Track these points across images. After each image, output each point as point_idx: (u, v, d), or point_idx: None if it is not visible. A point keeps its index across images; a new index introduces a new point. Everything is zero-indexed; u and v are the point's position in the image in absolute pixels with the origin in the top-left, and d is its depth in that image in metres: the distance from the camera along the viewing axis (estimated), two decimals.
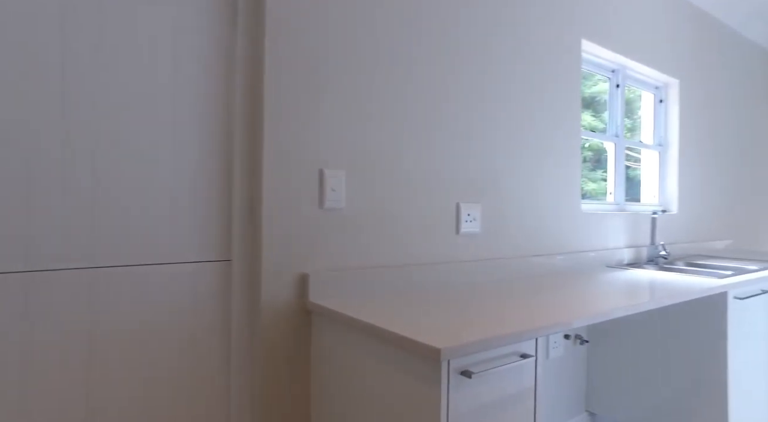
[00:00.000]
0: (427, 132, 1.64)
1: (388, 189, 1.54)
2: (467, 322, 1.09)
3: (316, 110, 1.39)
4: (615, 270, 2.18)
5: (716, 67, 3.31)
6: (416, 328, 1.03)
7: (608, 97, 2.65)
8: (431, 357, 0.90)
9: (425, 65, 1.63)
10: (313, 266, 1.38)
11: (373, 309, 1.23)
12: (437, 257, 1.68)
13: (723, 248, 3.41)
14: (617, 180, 2.64)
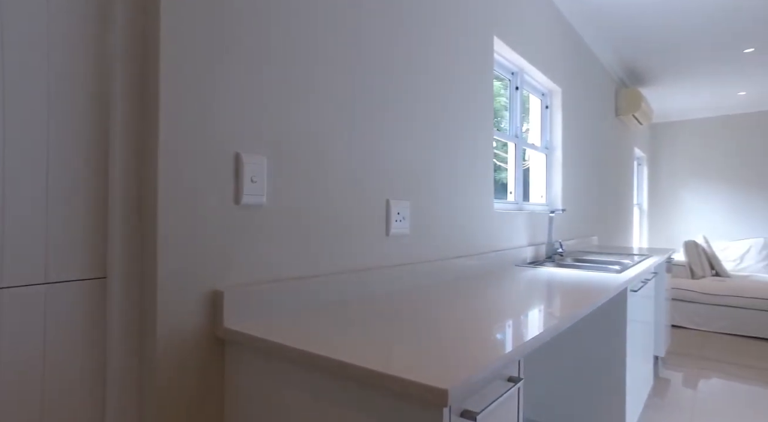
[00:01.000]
0: (358, 116, 1.40)
1: (317, 182, 1.27)
2: (441, 344, 0.88)
3: (231, 79, 1.06)
4: (526, 269, 2.18)
5: (584, 82, 3.65)
6: (385, 358, 0.79)
7: (508, 98, 2.70)
8: (432, 400, 0.68)
9: (363, 49, 1.39)
10: (228, 280, 1.05)
11: (311, 333, 0.95)
12: (368, 262, 1.45)
13: (595, 244, 3.78)
14: (517, 180, 2.70)
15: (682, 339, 4.01)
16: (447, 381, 0.69)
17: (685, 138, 6.49)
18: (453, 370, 0.73)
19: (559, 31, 3.10)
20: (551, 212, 2.69)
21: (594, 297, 1.41)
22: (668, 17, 3.33)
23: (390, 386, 0.72)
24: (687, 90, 5.17)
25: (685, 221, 6.46)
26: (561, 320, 1.09)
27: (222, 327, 1.01)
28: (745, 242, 5.65)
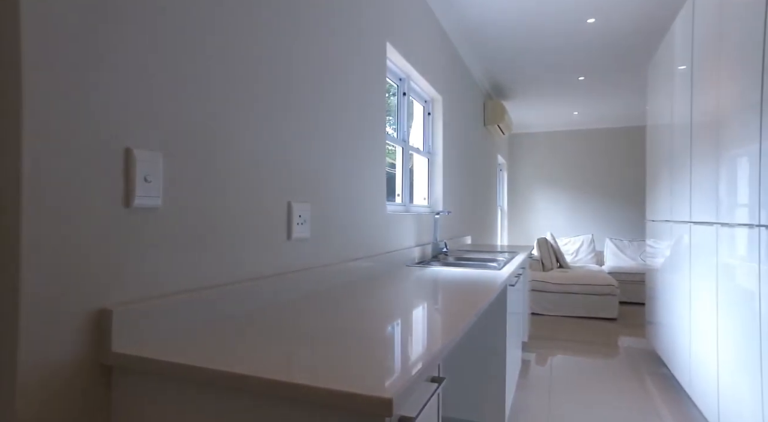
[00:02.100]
0: (259, 117, 1.31)
1: (218, 183, 1.15)
2: (363, 351, 0.86)
3: (117, 64, 0.90)
4: (416, 269, 2.27)
5: (460, 92, 3.94)
6: (307, 370, 0.75)
7: (396, 103, 2.78)
8: (375, 412, 0.65)
9: (261, 48, 1.30)
10: (117, 297, 0.90)
11: (217, 349, 0.86)
12: (271, 268, 1.36)
13: (469, 242, 4.09)
14: (404, 183, 2.80)
15: (537, 324, 4.56)
16: (388, 389, 0.67)
17: (537, 148, 7.42)
18: (390, 376, 0.72)
19: (441, 44, 3.29)
20: (437, 213, 2.85)
21: (487, 293, 1.51)
22: (522, 44, 3.77)
23: (323, 400, 0.68)
24: (537, 106, 5.91)
25: (537, 221, 7.38)
26: (469, 317, 1.15)
27: (110, 352, 0.86)
28: (579, 238, 6.65)
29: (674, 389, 2.86)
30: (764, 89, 1.65)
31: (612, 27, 3.45)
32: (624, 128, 6.90)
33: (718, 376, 2.07)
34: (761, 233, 1.64)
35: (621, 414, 2.50)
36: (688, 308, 2.54)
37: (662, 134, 3.20)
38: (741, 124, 1.83)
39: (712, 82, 2.19)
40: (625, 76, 4.58)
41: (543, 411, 2.53)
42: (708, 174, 2.22)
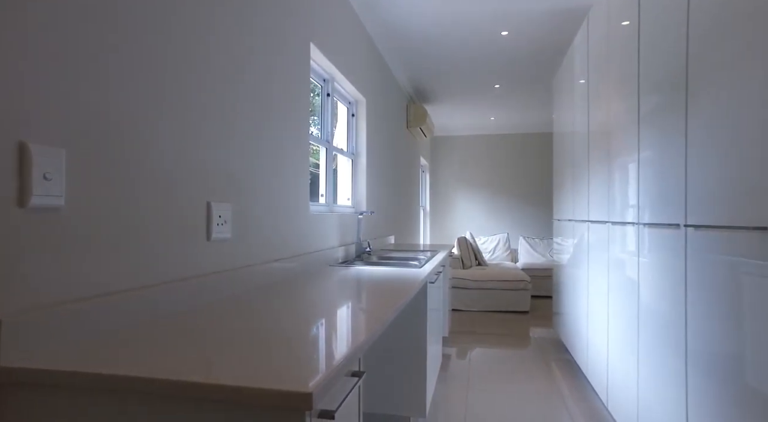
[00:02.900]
0: (176, 115, 1.27)
1: (131, 181, 1.10)
2: (284, 349, 0.87)
3: (12, 41, 0.84)
4: (340, 268, 2.30)
5: (384, 95, 4.03)
6: (226, 371, 0.75)
7: (320, 104, 2.79)
8: (296, 406, 0.67)
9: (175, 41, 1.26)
10: (7, 306, 0.83)
11: (132, 355, 0.83)
12: (189, 270, 1.32)
13: (393, 242, 4.17)
14: (328, 183, 2.81)
15: (458, 320, 4.78)
16: (308, 384, 0.69)
17: (457, 151, 7.75)
18: (310, 371, 0.74)
19: (366, 47, 3.35)
20: (360, 213, 2.89)
21: (407, 290, 1.58)
22: (443, 52, 3.94)
23: (243, 400, 0.69)
24: (457, 111, 6.19)
25: (457, 221, 7.71)
26: (389, 313, 1.20)
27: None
28: (496, 237, 7.06)
29: (575, 372, 3.14)
30: (640, 110, 1.88)
31: (523, 40, 3.71)
32: (536, 133, 7.43)
33: (608, 357, 2.32)
34: (640, 231, 1.87)
35: (530, 398, 2.71)
36: (586, 298, 2.80)
37: (565, 141, 3.50)
38: (625, 136, 2.07)
39: (603, 97, 2.45)
40: (536, 86, 4.95)
41: (461, 401, 2.67)
42: (602, 178, 2.47)
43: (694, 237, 1.42)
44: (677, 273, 1.53)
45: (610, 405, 2.32)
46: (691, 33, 1.46)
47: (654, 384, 1.73)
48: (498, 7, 3.15)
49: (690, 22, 1.47)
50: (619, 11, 2.19)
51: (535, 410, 2.56)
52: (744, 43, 1.18)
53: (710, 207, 1.33)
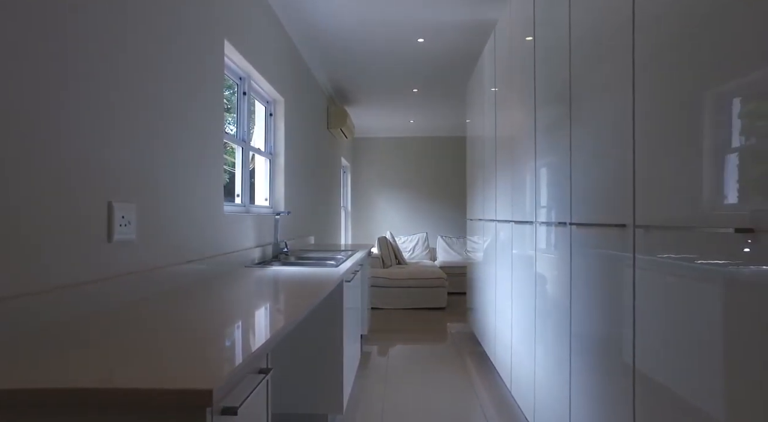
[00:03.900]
0: (71, 111, 1.20)
1: (18, 180, 1.02)
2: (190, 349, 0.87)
3: None
4: (256, 269, 2.27)
5: (304, 95, 4.02)
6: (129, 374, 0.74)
7: (236, 103, 2.73)
8: (196, 403, 0.68)
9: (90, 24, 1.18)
10: None
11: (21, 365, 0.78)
12: (87, 274, 1.25)
13: (312, 242, 4.16)
14: (244, 183, 2.76)
15: (378, 318, 4.88)
16: (208, 381, 0.70)
17: (378, 152, 7.90)
18: (212, 370, 0.75)
19: (285, 48, 3.32)
20: (277, 214, 2.87)
21: (321, 289, 1.61)
22: (362, 55, 4.03)
23: (144, 402, 0.68)
24: (377, 113, 6.31)
25: (378, 220, 7.85)
26: (300, 311, 1.22)
27: None
28: (415, 236, 7.29)
29: (486, 363, 3.36)
30: (537, 120, 2.08)
31: (438, 48, 3.89)
32: (453, 137, 7.78)
33: (512, 346, 2.52)
34: (537, 229, 2.06)
35: (444, 389, 2.86)
36: (494, 293, 3.01)
37: (477, 145, 3.73)
38: (525, 143, 2.26)
39: (508, 106, 2.66)
40: (451, 92, 5.19)
41: (379, 396, 2.75)
42: (507, 181, 2.67)
43: (576, 234, 1.60)
44: (565, 267, 1.71)
45: (513, 390, 2.52)
46: (573, 60, 1.64)
47: (546, 367, 1.92)
48: (414, 15, 3.28)
49: (572, 49, 1.65)
50: (520, 29, 2.39)
51: (449, 400, 2.71)
52: (605, 76, 1.36)
53: (587, 208, 1.52)
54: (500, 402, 2.65)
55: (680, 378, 1.03)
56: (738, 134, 0.88)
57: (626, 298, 1.26)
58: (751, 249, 0.82)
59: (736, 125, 0.88)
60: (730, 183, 0.89)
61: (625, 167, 1.27)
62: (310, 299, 1.40)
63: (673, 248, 1.06)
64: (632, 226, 1.23)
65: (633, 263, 1.22)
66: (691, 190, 1.01)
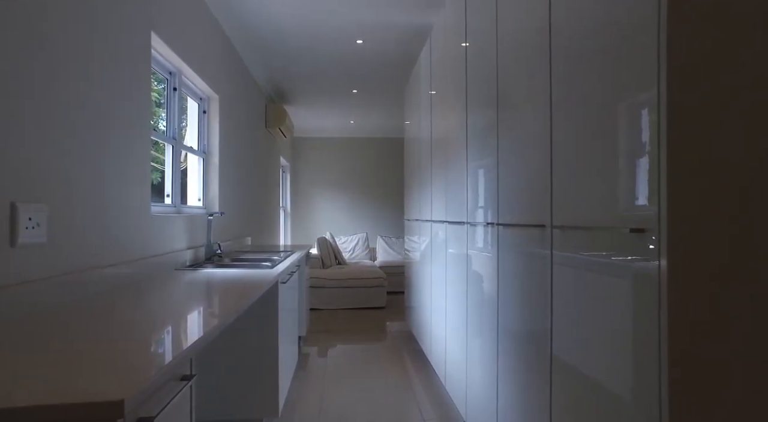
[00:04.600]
0: None
1: None
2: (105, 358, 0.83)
3: None
4: (187, 272, 2.18)
5: (240, 93, 3.91)
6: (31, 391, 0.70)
7: (166, 99, 2.61)
8: (106, 416, 0.65)
9: None
10: None
11: None
12: None
13: (249, 243, 4.06)
14: (174, 183, 2.64)
15: (318, 319, 4.84)
16: (121, 391, 0.68)
17: (318, 152, 7.84)
18: (127, 379, 0.72)
19: (220, 44, 3.21)
20: (210, 215, 2.77)
21: (253, 292, 1.58)
22: (301, 55, 3.99)
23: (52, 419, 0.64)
24: (317, 113, 6.27)
25: (318, 221, 7.79)
26: (227, 315, 1.20)
27: None
28: (355, 237, 7.31)
29: (422, 359, 3.44)
30: (468, 126, 2.16)
31: (377, 50, 3.93)
32: (393, 138, 7.87)
33: (446, 342, 2.60)
34: (469, 230, 2.14)
35: (382, 387, 2.89)
36: (430, 291, 3.09)
37: (413, 146, 3.81)
38: (458, 147, 2.35)
39: (443, 110, 2.74)
40: (390, 93, 5.26)
41: (317, 398, 2.73)
42: (441, 183, 2.76)
43: (503, 234, 1.69)
44: (493, 265, 1.80)
45: (447, 386, 2.60)
46: (500, 69, 1.73)
47: (477, 362, 2.00)
48: (352, 16, 3.30)
49: (498, 59, 1.74)
50: (453, 36, 2.47)
51: (387, 398, 2.74)
52: (527, 87, 1.45)
53: (512, 209, 1.60)
54: (436, 398, 2.73)
55: (589, 360, 1.12)
56: (630, 145, 0.97)
57: (545, 292, 1.35)
58: (641, 246, 0.91)
59: (629, 137, 0.98)
60: (627, 189, 0.99)
61: (544, 173, 1.36)
62: (240, 302, 1.37)
63: (582, 246, 1.15)
64: (550, 226, 1.32)
65: (551, 260, 1.31)
66: (597, 194, 1.10)
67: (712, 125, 0.86)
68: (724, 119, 0.86)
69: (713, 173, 0.86)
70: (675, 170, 0.85)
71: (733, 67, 0.87)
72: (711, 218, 0.86)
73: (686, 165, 0.86)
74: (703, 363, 0.85)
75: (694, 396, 0.85)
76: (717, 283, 0.85)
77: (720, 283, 0.85)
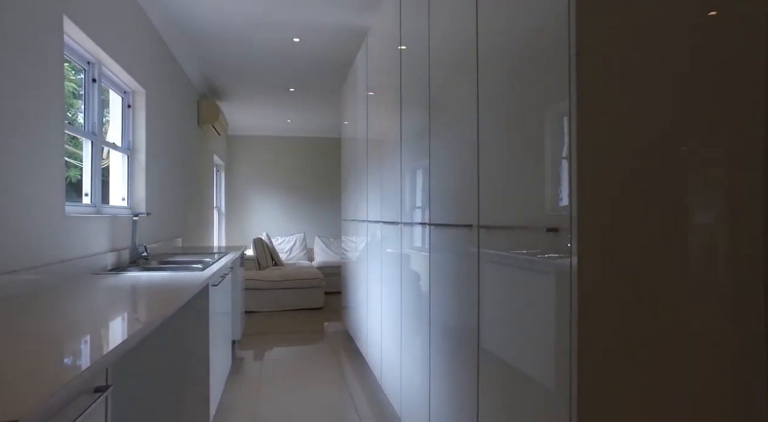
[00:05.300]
0: None
1: None
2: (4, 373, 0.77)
3: None
4: (108, 276, 2.05)
5: (170, 88, 3.72)
6: None
7: (84, 91, 2.43)
8: None
9: None
10: None
11: None
12: None
13: (180, 245, 3.87)
14: (94, 181, 2.47)
15: (253, 322, 4.72)
16: (16, 410, 0.63)
17: (255, 151, 7.63)
18: (24, 396, 0.67)
19: (146, 34, 3.04)
20: (135, 215, 2.62)
21: (179, 296, 1.52)
22: (236, 51, 3.87)
23: None
24: (254, 111, 6.11)
25: (255, 221, 7.59)
26: (148, 322, 1.14)
27: None
28: (293, 237, 7.20)
29: (359, 360, 3.45)
30: (402, 128, 2.21)
31: (313, 49, 3.90)
32: (331, 138, 7.83)
33: (381, 341, 2.64)
34: (402, 230, 2.18)
35: (318, 388, 2.87)
36: (366, 291, 3.12)
37: (351, 147, 3.81)
38: (392, 148, 2.39)
39: (378, 112, 2.77)
40: (328, 93, 5.23)
41: (251, 403, 2.66)
42: (376, 183, 2.78)
43: (434, 234, 1.74)
44: (425, 264, 1.85)
45: (383, 385, 2.63)
46: (432, 74, 1.78)
47: (410, 359, 2.05)
48: (288, 13, 3.24)
49: (431, 64, 1.79)
50: (388, 39, 2.51)
51: (323, 399, 2.73)
52: (456, 94, 1.51)
53: (443, 210, 1.65)
54: (372, 397, 2.75)
55: (512, 352, 1.18)
56: (547, 151, 1.04)
57: (473, 289, 1.40)
58: (558, 244, 0.98)
59: (546, 144, 1.04)
60: (545, 191, 1.05)
61: (472, 175, 1.42)
62: (165, 307, 1.31)
63: (506, 245, 1.21)
64: (477, 226, 1.37)
65: (478, 258, 1.37)
66: (519, 196, 1.16)
67: (619, 133, 0.94)
68: (631, 127, 0.95)
69: (622, 177, 0.94)
70: (585, 174, 0.93)
71: (638, 80, 0.95)
72: (620, 218, 0.94)
73: (596, 170, 0.93)
74: (610, 352, 0.93)
75: (601, 383, 0.93)
76: (626, 278, 0.93)
77: (629, 278, 0.94)
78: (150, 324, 1.13)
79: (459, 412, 1.50)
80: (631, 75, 0.95)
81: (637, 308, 0.94)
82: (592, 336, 0.92)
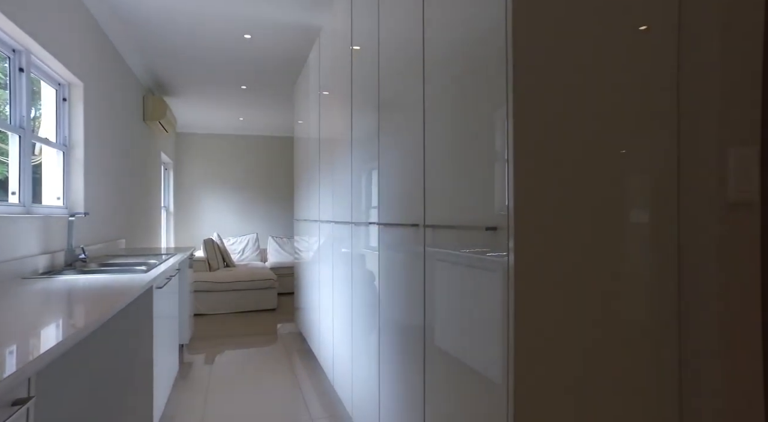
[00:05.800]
0: None
1: None
2: None
3: None
4: (38, 280, 1.93)
5: (111, 82, 3.54)
6: None
7: (9, 81, 2.27)
8: None
9: None
10: None
11: None
12: None
13: (124, 246, 3.68)
14: (23, 179, 2.31)
15: (204, 325, 4.57)
16: None
17: (205, 149, 7.39)
18: None
19: (83, 24, 2.87)
20: (71, 215, 2.48)
21: (118, 299, 1.45)
22: (185, 46, 3.74)
23: None
24: (204, 108, 5.92)
25: (205, 221, 7.35)
26: (81, 328, 1.08)
27: None
28: (245, 237, 7.04)
29: (312, 360, 3.43)
30: (353, 129, 2.21)
31: (265, 46, 3.83)
32: (284, 137, 7.71)
33: (333, 341, 2.63)
34: (353, 229, 2.19)
35: (270, 390, 2.82)
36: (318, 291, 3.10)
37: (302, 146, 3.78)
38: (343, 149, 2.38)
39: (330, 112, 2.76)
40: (280, 91, 5.15)
41: (199, 409, 2.58)
42: (328, 183, 2.77)
43: (383, 233, 1.75)
44: (375, 263, 1.86)
45: (335, 385, 2.63)
46: (381, 77, 1.79)
47: (361, 358, 2.05)
48: (239, 8, 3.17)
49: (380, 67, 1.80)
50: (340, 39, 2.50)
51: (275, 402, 2.69)
52: (404, 97, 1.53)
53: (392, 210, 1.67)
54: (324, 398, 2.74)
55: (456, 346, 1.21)
56: (487, 153, 1.08)
57: (420, 286, 1.43)
58: (497, 243, 1.02)
59: (487, 147, 1.08)
60: (486, 192, 1.09)
61: (418, 176, 1.44)
62: (101, 313, 1.25)
63: (450, 244, 1.25)
64: (423, 226, 1.40)
65: (424, 256, 1.40)
66: (462, 196, 1.19)
67: (555, 135, 0.99)
68: (566, 130, 1.00)
69: (559, 177, 0.99)
70: (522, 174, 0.97)
71: (573, 87, 1.00)
72: (557, 217, 0.98)
73: (532, 170, 0.97)
74: (546, 343, 0.97)
75: (536, 372, 0.97)
76: (562, 273, 0.98)
77: (565, 274, 0.98)
78: (82, 330, 1.08)
79: (407, 409, 1.53)
80: (566, 82, 1.00)
81: (572, 300, 0.99)
82: (528, 328, 0.96)
